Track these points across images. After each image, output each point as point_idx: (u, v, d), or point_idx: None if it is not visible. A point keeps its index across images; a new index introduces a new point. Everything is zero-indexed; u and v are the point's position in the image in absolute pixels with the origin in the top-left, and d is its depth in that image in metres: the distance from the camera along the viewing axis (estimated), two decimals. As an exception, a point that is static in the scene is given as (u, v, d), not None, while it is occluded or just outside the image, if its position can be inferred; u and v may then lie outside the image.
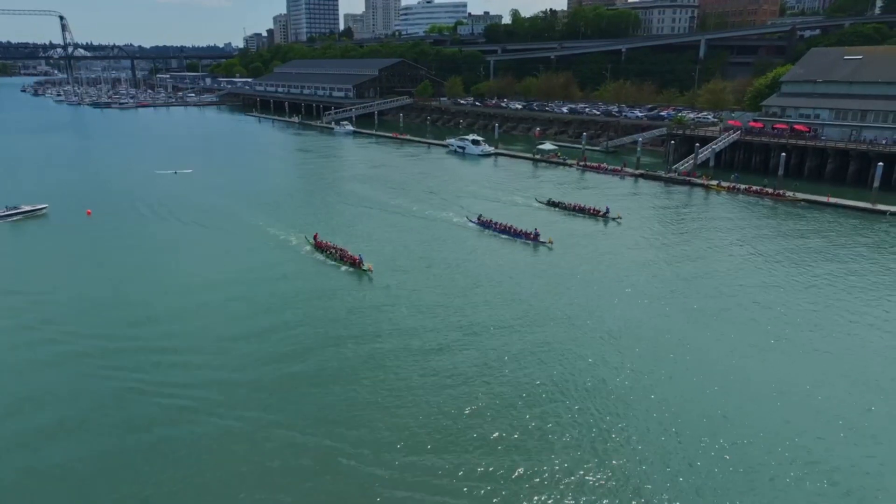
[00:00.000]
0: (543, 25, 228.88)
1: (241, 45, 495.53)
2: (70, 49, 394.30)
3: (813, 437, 25.92)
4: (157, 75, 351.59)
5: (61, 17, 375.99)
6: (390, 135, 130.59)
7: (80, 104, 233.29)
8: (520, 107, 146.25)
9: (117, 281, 44.00)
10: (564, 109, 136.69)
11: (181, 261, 49.31)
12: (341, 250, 49.38)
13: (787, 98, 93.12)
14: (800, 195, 67.37)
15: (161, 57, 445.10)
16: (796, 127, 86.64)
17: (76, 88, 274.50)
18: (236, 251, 51.55)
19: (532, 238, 53.90)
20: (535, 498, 22.54)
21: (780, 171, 71.69)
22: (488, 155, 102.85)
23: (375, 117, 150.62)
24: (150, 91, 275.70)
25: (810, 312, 38.42)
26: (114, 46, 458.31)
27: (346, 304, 39.99)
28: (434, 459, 24.39)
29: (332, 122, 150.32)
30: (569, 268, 47.00)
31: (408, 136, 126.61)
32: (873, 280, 44.01)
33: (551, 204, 67.08)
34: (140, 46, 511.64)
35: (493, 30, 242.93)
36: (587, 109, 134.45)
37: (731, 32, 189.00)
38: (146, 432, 26.27)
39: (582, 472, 23.79)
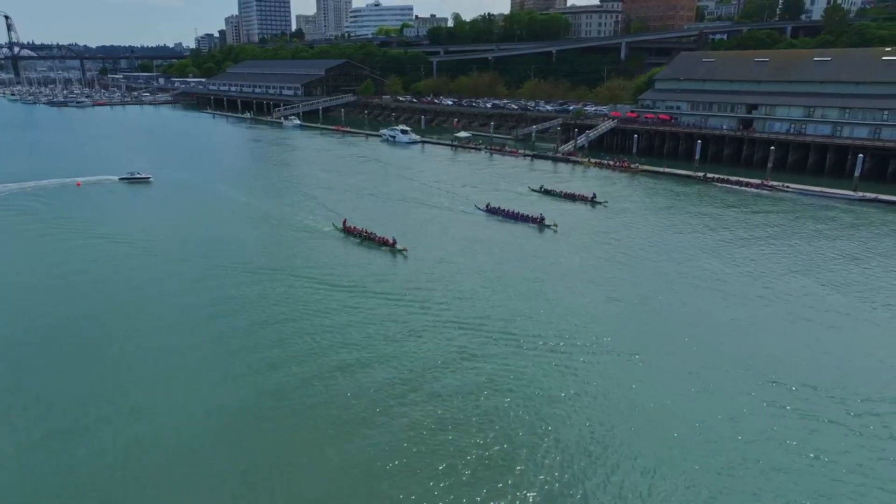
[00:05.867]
0: (483, 28, 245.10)
1: (192, 45, 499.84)
2: (17, 49, 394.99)
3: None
4: (110, 75, 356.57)
5: (6, 17, 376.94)
6: (333, 127, 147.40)
7: (35, 103, 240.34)
8: (451, 103, 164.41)
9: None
10: (489, 105, 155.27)
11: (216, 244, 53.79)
12: (371, 233, 52.57)
13: (658, 93, 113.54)
14: (642, 167, 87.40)
15: (110, 57, 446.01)
16: (661, 116, 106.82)
17: (30, 88, 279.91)
18: (268, 238, 56.12)
19: (538, 222, 58.64)
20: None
21: (634, 150, 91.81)
22: (415, 142, 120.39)
23: (320, 113, 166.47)
24: (104, 91, 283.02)
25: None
26: (58, 46, 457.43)
27: (390, 281, 43.99)
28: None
29: (282, 118, 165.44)
30: (576, 245, 53.19)
31: (348, 129, 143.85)
32: (681, 217, 63.22)
33: (543, 191, 74.02)
34: (86, 46, 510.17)
35: (436, 32, 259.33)
36: (508, 104, 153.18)
37: (648, 36, 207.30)
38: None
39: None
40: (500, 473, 24.32)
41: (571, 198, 70.62)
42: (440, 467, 24.71)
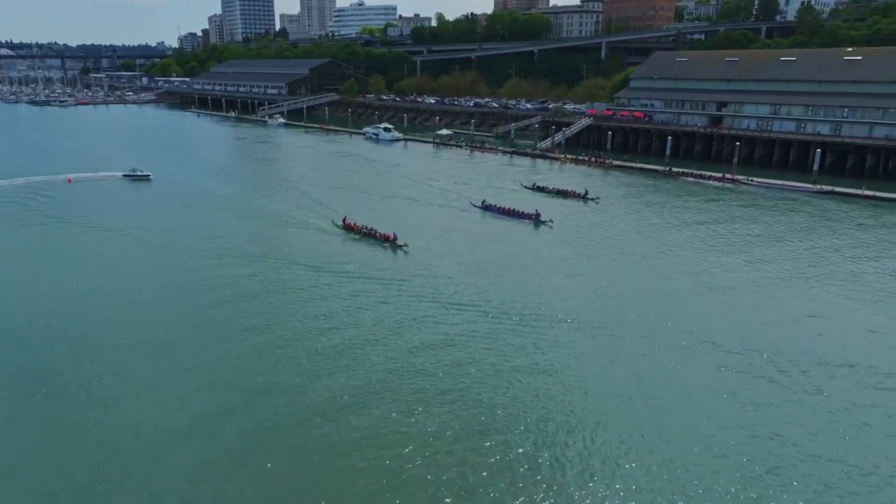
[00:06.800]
0: (465, 28, 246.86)
1: (175, 44, 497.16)
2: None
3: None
4: (92, 74, 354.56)
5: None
6: (317, 126, 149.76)
7: (17, 102, 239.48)
8: (433, 102, 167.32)
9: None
10: (470, 104, 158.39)
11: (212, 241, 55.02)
12: (371, 230, 53.44)
13: (633, 91, 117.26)
14: (616, 162, 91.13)
15: (92, 56, 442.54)
16: (636, 114, 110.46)
17: (11, 87, 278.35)
18: (273, 234, 57.16)
19: (534, 218, 59.66)
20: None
21: (609, 147, 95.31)
22: (397, 140, 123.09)
23: (304, 112, 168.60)
24: (86, 90, 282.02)
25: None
26: (38, 45, 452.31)
27: (393, 272, 45.71)
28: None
29: (266, 116, 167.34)
30: (570, 240, 55.17)
31: (332, 127, 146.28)
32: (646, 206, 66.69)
33: (536, 188, 75.61)
34: (66, 45, 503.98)
35: (420, 32, 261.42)
36: (489, 103, 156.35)
37: (627, 36, 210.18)
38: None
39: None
40: (455, 407, 28.65)
41: (564, 194, 72.28)
42: (402, 405, 28.86)
